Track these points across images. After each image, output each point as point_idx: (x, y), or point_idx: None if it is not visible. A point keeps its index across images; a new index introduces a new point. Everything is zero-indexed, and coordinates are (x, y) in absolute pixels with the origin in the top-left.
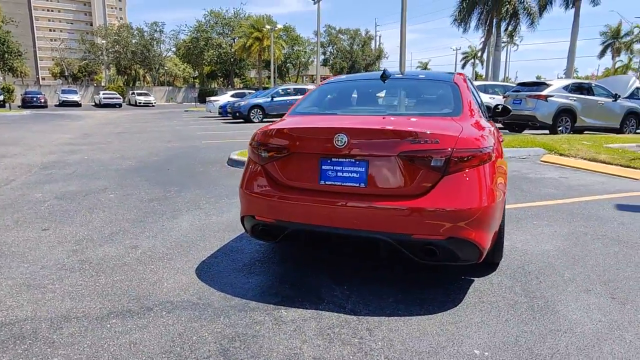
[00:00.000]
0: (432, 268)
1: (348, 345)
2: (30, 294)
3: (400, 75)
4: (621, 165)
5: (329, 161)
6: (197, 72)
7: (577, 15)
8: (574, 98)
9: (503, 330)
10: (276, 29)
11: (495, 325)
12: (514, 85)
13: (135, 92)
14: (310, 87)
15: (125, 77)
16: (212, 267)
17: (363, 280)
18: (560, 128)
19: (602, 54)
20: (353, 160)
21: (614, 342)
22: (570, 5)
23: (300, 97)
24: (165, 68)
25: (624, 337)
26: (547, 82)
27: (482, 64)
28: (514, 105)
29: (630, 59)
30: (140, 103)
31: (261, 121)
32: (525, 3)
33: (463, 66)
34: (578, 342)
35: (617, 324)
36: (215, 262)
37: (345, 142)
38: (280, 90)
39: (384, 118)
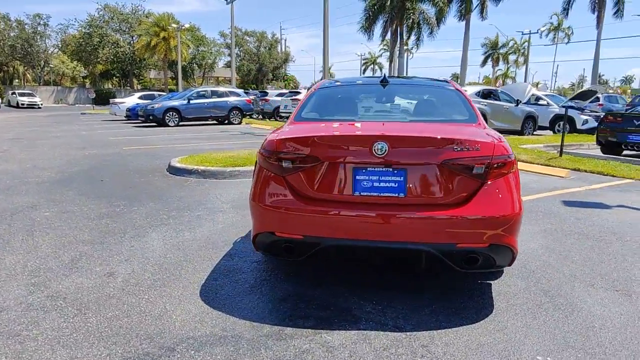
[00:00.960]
0: (439, 275)
1: None
2: (6, 348)
3: (400, 81)
4: (542, 164)
5: (363, 171)
6: (87, 71)
7: (467, 27)
8: (485, 103)
9: (548, 332)
10: (183, 28)
11: (539, 328)
12: None
13: (17, 91)
14: (237, 90)
15: (1, 74)
16: (217, 291)
17: (387, 293)
18: None
19: (484, 63)
20: (391, 170)
21: None
22: (462, 18)
23: (218, 99)
24: (51, 66)
25: None
26: None
27: (381, 70)
28: None
29: (508, 68)
30: (23, 104)
31: (177, 125)
32: (424, 14)
33: (364, 71)
34: (617, 337)
35: (636, 314)
36: (217, 286)
37: (385, 150)
38: (197, 93)
39: (416, 124)
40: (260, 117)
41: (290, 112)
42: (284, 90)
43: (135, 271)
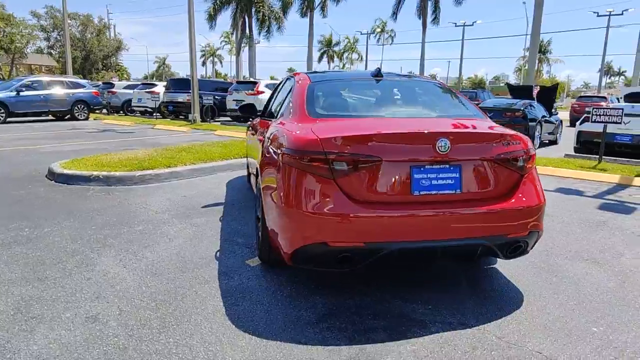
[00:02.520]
0: (446, 267)
1: (515, 359)
2: None
3: (395, 77)
4: None
5: (422, 169)
6: None
7: (311, 24)
8: None
9: (585, 306)
10: None
11: (574, 306)
12: None
13: None
14: (80, 80)
15: None
16: (252, 318)
17: (424, 292)
18: None
19: (320, 59)
20: (448, 166)
21: (634, 288)
22: (305, 15)
23: (58, 90)
24: None
25: (629, 282)
26: None
27: (221, 62)
28: None
29: (344, 65)
30: None
31: (4, 122)
32: (272, 8)
33: (203, 64)
34: (629, 294)
35: (618, 278)
36: (246, 311)
37: (448, 147)
38: (29, 83)
39: (450, 120)
40: (105, 111)
41: (146, 106)
42: (135, 82)
43: (125, 310)
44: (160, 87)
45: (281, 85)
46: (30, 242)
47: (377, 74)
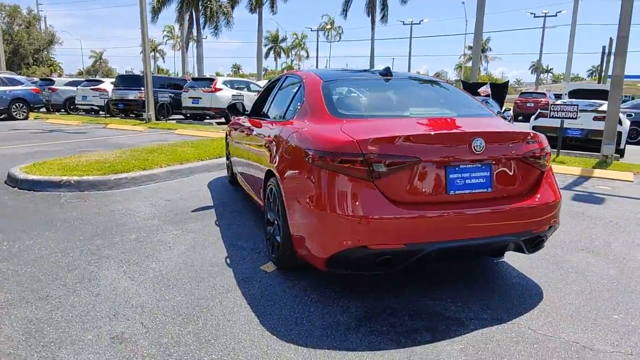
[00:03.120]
0: (462, 263)
1: (562, 351)
2: None
3: (403, 75)
4: None
5: (456, 168)
6: None
7: (260, 20)
8: None
9: (598, 295)
10: None
11: (589, 295)
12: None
13: None
14: (17, 77)
15: None
16: (294, 331)
17: (448, 290)
18: None
19: (267, 55)
20: (480, 165)
21: (633, 274)
22: (254, 11)
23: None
24: None
25: (627, 269)
26: None
27: (163, 58)
28: None
29: (292, 61)
30: None
31: None
32: (221, 3)
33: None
34: (631, 281)
35: (616, 266)
36: (282, 325)
37: (483, 146)
38: None
39: (473, 119)
40: (45, 110)
41: (92, 104)
42: (79, 79)
43: (151, 327)
44: (107, 84)
45: (278, 84)
46: (15, 257)
47: (387, 72)
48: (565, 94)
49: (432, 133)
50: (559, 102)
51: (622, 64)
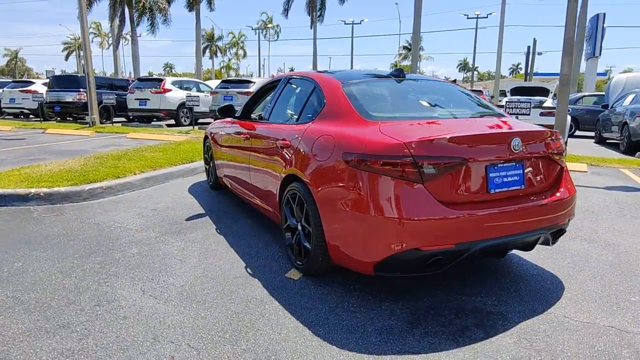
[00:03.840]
0: None
1: (604, 335)
2: None
3: (418, 77)
4: None
5: (495, 167)
6: None
7: (198, 18)
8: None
9: (609, 279)
10: None
11: (601, 280)
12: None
13: None
14: None
15: None
16: (351, 339)
17: (475, 285)
18: None
19: (203, 53)
20: (514, 164)
21: (629, 259)
22: (192, 9)
23: None
24: None
25: (623, 254)
26: (252, 80)
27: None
28: (225, 101)
29: (230, 60)
30: None
31: None
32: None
33: (67, 57)
34: (631, 265)
35: (612, 252)
36: (336, 333)
37: (520, 145)
38: None
39: (504, 119)
40: None
41: (22, 107)
42: (6, 79)
43: (201, 349)
44: (39, 86)
45: (279, 86)
46: (9, 283)
47: (399, 74)
48: (509, 91)
49: (477, 134)
50: (514, 98)
51: (569, 63)
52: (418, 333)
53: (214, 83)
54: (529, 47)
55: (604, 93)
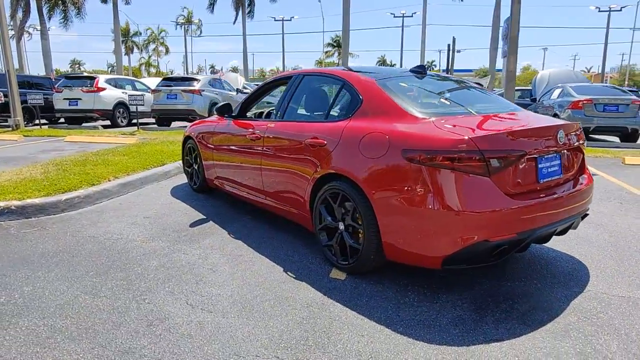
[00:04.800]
0: None
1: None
2: None
3: (439, 75)
4: None
5: (543, 159)
6: None
7: (116, 12)
8: (217, 92)
9: (621, 259)
10: None
11: (618, 260)
12: (134, 79)
13: None
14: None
15: None
16: (430, 334)
17: (507, 272)
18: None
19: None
20: (555, 154)
21: (626, 241)
22: (105, 1)
23: None
24: None
25: (621, 237)
26: (196, 78)
27: None
28: (169, 99)
29: (150, 56)
30: None
31: None
32: None
33: None
34: (632, 247)
35: (610, 235)
36: (413, 329)
37: (564, 137)
38: None
39: (522, 112)
40: None
41: None
42: None
43: (295, 359)
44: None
45: (291, 83)
46: (31, 309)
47: (422, 70)
48: None
49: (534, 127)
50: None
51: (514, 60)
52: (490, 321)
53: (149, 80)
54: (449, 45)
55: (526, 88)
